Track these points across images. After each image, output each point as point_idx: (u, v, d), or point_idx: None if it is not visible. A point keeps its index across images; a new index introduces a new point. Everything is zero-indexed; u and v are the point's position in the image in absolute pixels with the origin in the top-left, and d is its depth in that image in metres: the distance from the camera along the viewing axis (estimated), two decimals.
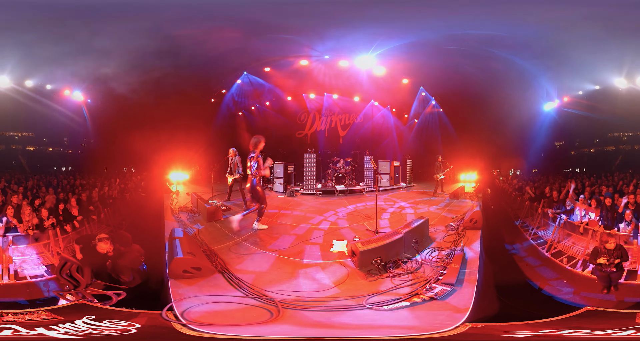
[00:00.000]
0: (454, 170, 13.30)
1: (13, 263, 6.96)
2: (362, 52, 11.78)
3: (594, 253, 6.76)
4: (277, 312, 5.62)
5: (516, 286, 7.16)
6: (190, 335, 5.04)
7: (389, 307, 5.80)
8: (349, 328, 5.32)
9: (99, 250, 6.56)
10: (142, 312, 5.62)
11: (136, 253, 6.92)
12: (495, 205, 11.92)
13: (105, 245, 6.57)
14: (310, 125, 16.49)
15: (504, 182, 14.25)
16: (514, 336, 4.95)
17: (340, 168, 13.46)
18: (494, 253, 8.08)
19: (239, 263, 7.15)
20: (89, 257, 6.60)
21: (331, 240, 7.99)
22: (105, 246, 6.57)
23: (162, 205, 10.30)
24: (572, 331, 4.94)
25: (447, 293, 6.05)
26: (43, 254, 7.38)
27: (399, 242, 7.32)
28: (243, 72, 13.99)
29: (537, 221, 9.58)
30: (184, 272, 6.43)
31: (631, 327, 4.99)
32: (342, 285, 6.49)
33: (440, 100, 15.30)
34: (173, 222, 9.03)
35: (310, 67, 13.35)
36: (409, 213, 10.19)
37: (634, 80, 11.67)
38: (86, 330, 4.96)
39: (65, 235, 7.86)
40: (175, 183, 12.20)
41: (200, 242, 7.73)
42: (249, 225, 8.71)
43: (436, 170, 12.70)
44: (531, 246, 8.88)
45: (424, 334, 5.09)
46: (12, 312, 5.47)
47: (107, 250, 6.59)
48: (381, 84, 14.16)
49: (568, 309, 5.73)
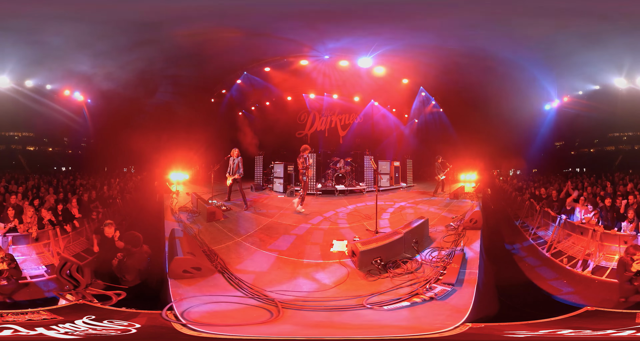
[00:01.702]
0: (454, 170, 13.29)
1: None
2: (362, 52, 11.79)
3: (622, 265, 6.21)
4: (277, 312, 5.62)
5: (516, 286, 7.15)
6: (190, 335, 5.03)
7: (389, 307, 5.80)
8: (349, 328, 5.31)
9: (106, 234, 7.07)
10: (142, 312, 5.61)
11: (144, 254, 6.96)
12: (495, 205, 11.92)
13: (110, 230, 7.08)
14: (310, 125, 16.50)
15: (504, 182, 14.25)
16: (514, 336, 4.95)
17: (340, 168, 13.46)
18: (494, 253, 8.08)
19: (239, 263, 7.15)
20: (105, 249, 6.94)
21: (331, 240, 8.00)
22: (110, 230, 7.08)
23: (162, 205, 10.31)
24: (572, 331, 4.93)
25: (447, 293, 6.05)
26: (43, 254, 7.39)
27: (399, 242, 7.32)
28: (243, 72, 13.99)
29: (537, 221, 9.58)
30: (184, 272, 6.44)
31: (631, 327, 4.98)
32: (342, 285, 6.49)
33: (440, 100, 15.29)
34: (173, 222, 9.03)
35: (310, 67, 13.35)
36: (409, 213, 10.19)
37: (634, 80, 11.68)
38: (86, 330, 4.95)
39: (65, 235, 7.87)
40: (175, 183, 12.20)
41: (200, 242, 7.73)
42: (249, 225, 8.73)
43: (436, 170, 12.70)
44: (531, 246, 8.88)
45: (424, 334, 5.09)
46: (12, 312, 5.46)
47: (112, 234, 7.08)
48: (381, 84, 14.17)
49: (568, 309, 5.71)
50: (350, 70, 13.49)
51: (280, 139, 15.39)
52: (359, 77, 13.89)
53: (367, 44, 11.23)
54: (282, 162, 13.04)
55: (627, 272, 6.08)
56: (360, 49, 11.59)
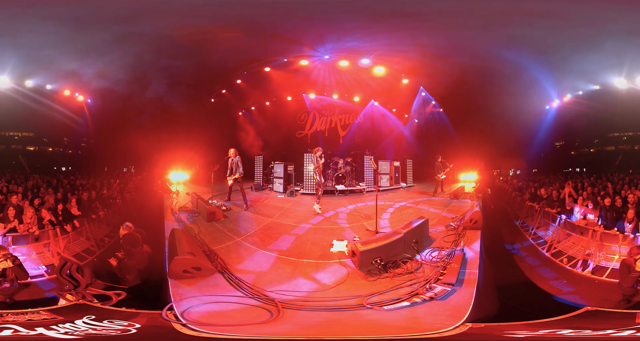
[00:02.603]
0: (454, 170, 13.29)
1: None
2: (362, 52, 11.78)
3: (625, 268, 6.13)
4: (277, 312, 5.62)
5: (516, 286, 7.15)
6: (190, 335, 5.03)
7: (389, 307, 5.80)
8: (349, 328, 5.31)
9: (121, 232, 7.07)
10: (142, 312, 5.61)
11: (144, 254, 6.96)
12: (495, 205, 11.92)
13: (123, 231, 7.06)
14: (310, 125, 16.49)
15: (504, 182, 14.24)
16: (514, 336, 4.95)
17: (340, 168, 13.45)
18: (494, 253, 8.09)
19: (239, 263, 7.15)
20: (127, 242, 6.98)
21: (331, 240, 7.99)
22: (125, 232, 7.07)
23: (162, 205, 10.30)
24: (572, 331, 4.93)
25: (447, 293, 6.05)
26: (43, 254, 7.39)
27: (399, 242, 7.32)
28: (243, 72, 13.99)
29: (537, 221, 9.58)
30: (184, 272, 6.44)
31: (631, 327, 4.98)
32: (342, 285, 6.49)
33: (440, 100, 15.29)
34: (173, 222, 9.03)
35: (310, 67, 13.34)
36: (409, 213, 10.18)
37: (634, 80, 11.68)
38: (86, 330, 4.95)
39: (65, 235, 7.86)
40: (175, 183, 12.20)
41: (200, 242, 7.73)
42: (249, 225, 8.73)
43: (436, 170, 12.69)
44: (531, 246, 8.87)
45: (424, 334, 5.09)
46: (12, 312, 5.46)
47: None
48: (381, 84, 14.16)
49: (568, 309, 5.71)
50: (350, 70, 13.49)
51: (280, 139, 15.39)
52: (359, 77, 13.90)
53: (367, 44, 11.23)
54: (282, 162, 13.03)
55: (633, 273, 6.02)
56: (360, 49, 11.59)
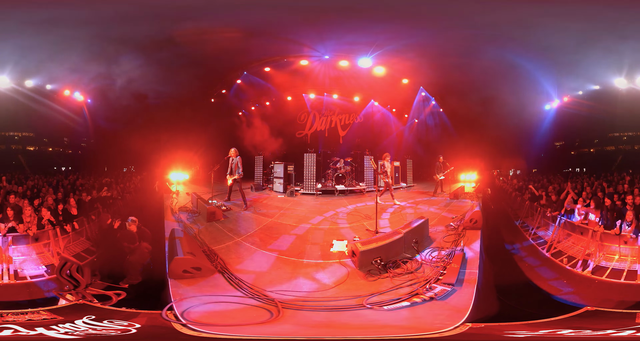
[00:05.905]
0: (454, 170, 13.29)
1: (13, 263, 6.95)
2: (362, 52, 11.78)
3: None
4: (277, 312, 5.62)
5: (516, 286, 7.15)
6: (190, 335, 5.04)
7: (389, 307, 5.81)
8: (349, 328, 5.32)
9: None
10: (142, 312, 5.63)
11: (144, 250, 6.97)
12: (495, 205, 11.92)
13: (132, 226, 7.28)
14: (310, 125, 16.49)
15: (504, 182, 14.24)
16: (514, 336, 4.95)
17: (340, 168, 13.45)
18: (494, 253, 8.08)
19: (239, 263, 7.15)
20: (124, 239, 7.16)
21: (331, 240, 8.00)
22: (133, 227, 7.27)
23: (162, 205, 10.30)
24: (572, 331, 4.93)
25: (447, 293, 6.05)
26: (43, 254, 7.38)
27: (399, 242, 7.32)
28: (243, 72, 13.99)
29: (537, 221, 9.58)
30: (184, 272, 6.44)
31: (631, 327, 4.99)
32: (342, 285, 6.49)
33: (440, 100, 15.29)
34: (173, 222, 9.03)
35: (310, 67, 13.34)
36: (409, 213, 10.19)
37: (634, 80, 11.69)
38: (86, 330, 4.95)
39: (65, 235, 7.86)
40: (175, 183, 12.19)
41: (200, 242, 7.73)
42: (249, 225, 8.73)
43: (437, 170, 12.69)
44: (531, 246, 8.86)
45: (424, 334, 5.09)
46: (12, 312, 5.47)
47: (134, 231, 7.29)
48: (381, 84, 14.16)
49: (568, 309, 5.72)
50: (350, 70, 13.48)
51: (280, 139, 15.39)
52: (359, 77, 13.89)
53: (367, 44, 11.23)
54: (282, 162, 13.03)
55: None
56: (360, 48, 11.59)
